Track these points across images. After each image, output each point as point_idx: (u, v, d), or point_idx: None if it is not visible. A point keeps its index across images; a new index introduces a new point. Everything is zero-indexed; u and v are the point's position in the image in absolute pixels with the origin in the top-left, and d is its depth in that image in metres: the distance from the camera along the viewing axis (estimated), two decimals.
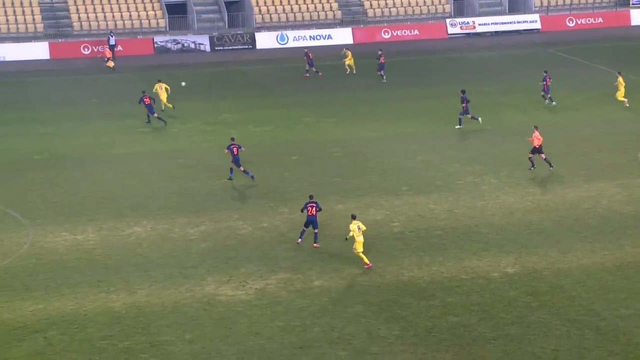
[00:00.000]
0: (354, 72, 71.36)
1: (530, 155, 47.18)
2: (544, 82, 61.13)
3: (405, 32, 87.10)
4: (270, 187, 45.78)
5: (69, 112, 61.87)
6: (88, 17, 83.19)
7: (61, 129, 57.45)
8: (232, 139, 46.65)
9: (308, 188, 45.40)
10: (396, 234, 39.44)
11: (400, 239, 38.81)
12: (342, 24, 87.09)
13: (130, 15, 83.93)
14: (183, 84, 63.90)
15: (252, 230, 40.06)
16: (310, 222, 37.92)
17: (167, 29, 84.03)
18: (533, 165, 47.07)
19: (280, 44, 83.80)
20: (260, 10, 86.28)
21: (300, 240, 38.17)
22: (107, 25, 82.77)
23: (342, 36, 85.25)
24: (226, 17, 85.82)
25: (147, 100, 57.60)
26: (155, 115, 57.69)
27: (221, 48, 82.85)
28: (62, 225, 40.80)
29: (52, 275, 35.58)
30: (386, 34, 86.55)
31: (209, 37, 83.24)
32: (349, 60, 72.00)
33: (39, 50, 79.64)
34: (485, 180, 46.13)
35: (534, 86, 63.49)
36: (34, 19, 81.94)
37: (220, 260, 36.89)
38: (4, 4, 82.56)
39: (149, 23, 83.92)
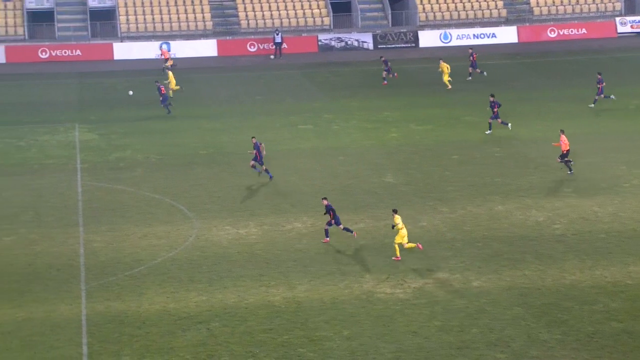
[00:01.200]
0: (449, 87, 65.77)
1: (560, 160, 46.23)
2: (599, 85, 59.24)
3: (572, 31, 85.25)
4: (430, 186, 45.66)
5: (234, 108, 63.26)
6: (255, 15, 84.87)
7: (227, 125, 58.79)
8: (254, 137, 47.46)
9: (468, 188, 45.12)
10: (558, 236, 38.72)
11: (562, 242, 38.08)
12: (506, 22, 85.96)
13: (295, 14, 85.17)
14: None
15: (411, 229, 40.00)
16: (336, 221, 38.38)
17: (332, 27, 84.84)
18: (570, 170, 46.17)
19: (443, 42, 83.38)
20: (424, 9, 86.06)
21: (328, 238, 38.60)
22: (273, 23, 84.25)
23: (507, 35, 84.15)
24: (390, 15, 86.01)
25: (163, 90, 60.58)
26: (166, 103, 60.62)
27: (384, 46, 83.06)
28: (225, 219, 41.77)
29: (215, 268, 36.49)
30: (552, 32, 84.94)
31: (372, 35, 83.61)
32: (446, 76, 65.82)
33: (207, 48, 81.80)
34: None
35: None
36: (203, 17, 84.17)
37: (379, 258, 37.02)
38: (176, 2, 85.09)
39: (314, 21, 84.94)
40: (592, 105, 59.56)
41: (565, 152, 46.06)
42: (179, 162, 51.18)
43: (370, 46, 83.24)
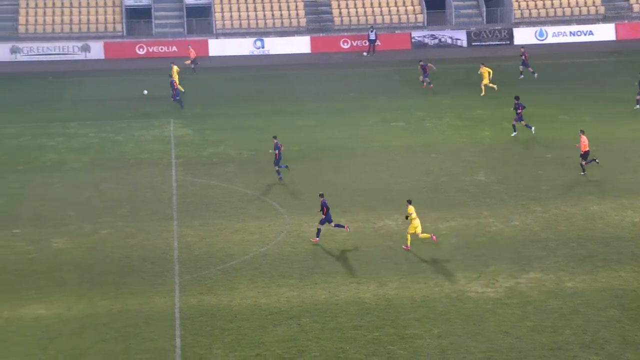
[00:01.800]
0: (483, 93, 63.48)
1: (583, 162, 45.63)
2: None
3: None
4: (523, 185, 45.18)
5: (327, 105, 63.43)
6: (349, 12, 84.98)
7: (319, 122, 58.99)
8: (275, 137, 47.23)
9: (561, 187, 44.54)
10: None
11: None
12: (604, 19, 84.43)
13: (389, 11, 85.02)
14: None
15: (503, 228, 39.70)
16: (328, 218, 38.36)
17: (425, 24, 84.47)
18: (583, 171, 45.85)
19: (538, 40, 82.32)
20: (519, 6, 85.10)
21: (317, 238, 38.58)
22: (366, 20, 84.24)
23: (604, 33, 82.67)
24: (484, 12, 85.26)
25: (176, 85, 62.21)
26: (178, 98, 62.01)
27: (478, 44, 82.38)
28: (316, 215, 41.85)
29: (306, 264, 36.69)
30: None
31: (466, 33, 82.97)
32: (485, 80, 63.36)
33: (301, 44, 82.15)
34: None
35: None
36: (297, 14, 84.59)
37: (470, 256, 36.80)
38: None
39: (407, 18, 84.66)
40: (638, 106, 58.25)
41: (584, 152, 45.40)
42: (271, 158, 51.47)
43: (464, 44, 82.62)
